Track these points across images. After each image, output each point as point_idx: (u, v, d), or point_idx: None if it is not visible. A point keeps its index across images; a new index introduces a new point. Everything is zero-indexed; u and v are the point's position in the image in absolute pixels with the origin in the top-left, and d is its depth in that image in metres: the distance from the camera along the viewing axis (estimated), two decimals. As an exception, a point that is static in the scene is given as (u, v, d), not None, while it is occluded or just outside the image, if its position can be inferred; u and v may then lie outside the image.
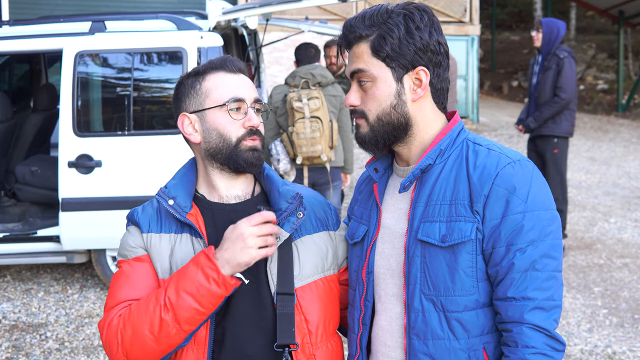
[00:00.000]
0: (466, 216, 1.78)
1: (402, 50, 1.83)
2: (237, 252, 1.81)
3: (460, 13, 16.01)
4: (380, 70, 1.85)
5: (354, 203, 2.10)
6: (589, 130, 15.89)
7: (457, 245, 1.77)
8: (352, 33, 1.87)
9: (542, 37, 6.92)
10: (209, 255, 1.83)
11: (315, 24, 7.86)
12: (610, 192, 9.99)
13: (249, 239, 1.81)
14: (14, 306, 5.92)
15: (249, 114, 1.96)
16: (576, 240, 7.67)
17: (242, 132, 1.96)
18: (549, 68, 6.89)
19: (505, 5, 28.64)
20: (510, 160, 1.80)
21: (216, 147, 1.97)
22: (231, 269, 1.82)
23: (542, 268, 1.74)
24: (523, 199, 1.76)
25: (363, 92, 1.87)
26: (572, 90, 6.87)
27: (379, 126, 1.86)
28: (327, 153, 6.02)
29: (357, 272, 1.97)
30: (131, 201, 5.54)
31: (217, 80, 1.98)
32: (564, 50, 6.91)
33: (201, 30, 5.77)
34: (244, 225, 1.82)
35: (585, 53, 23.41)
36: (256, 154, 1.97)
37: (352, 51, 1.89)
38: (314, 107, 5.90)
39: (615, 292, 6.16)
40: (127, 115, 5.71)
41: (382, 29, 1.84)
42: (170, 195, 1.96)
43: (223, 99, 1.96)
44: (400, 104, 1.86)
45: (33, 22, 6.31)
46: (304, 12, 13.72)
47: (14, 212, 6.46)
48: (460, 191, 1.80)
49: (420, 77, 1.86)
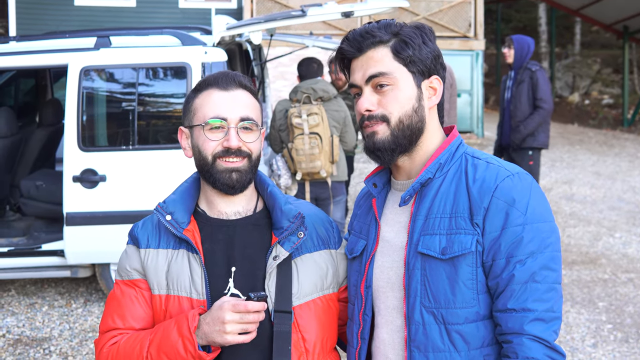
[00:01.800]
0: (466, 229, 1.78)
1: (422, 56, 1.86)
2: (214, 333, 1.81)
3: (465, 28, 16.05)
4: (403, 74, 1.86)
5: (354, 218, 2.11)
6: (594, 144, 15.87)
7: (457, 257, 1.78)
8: (368, 38, 1.87)
9: (514, 53, 7.09)
10: (191, 327, 1.83)
11: (319, 39, 7.87)
12: (616, 206, 9.97)
13: (228, 325, 1.79)
14: (18, 320, 5.92)
15: (228, 133, 1.95)
16: (581, 254, 7.65)
17: (218, 149, 1.95)
18: (522, 81, 7.03)
19: (509, 20, 28.69)
20: (509, 173, 1.81)
21: (199, 165, 2.00)
22: (206, 342, 1.84)
23: (542, 280, 1.75)
24: (522, 211, 1.76)
25: (380, 97, 1.86)
26: (551, 100, 7.02)
27: (400, 130, 1.85)
28: (328, 168, 6.04)
29: (356, 287, 1.98)
30: (135, 216, 5.55)
31: (206, 98, 1.99)
32: (534, 64, 7.13)
33: (205, 45, 5.80)
34: (227, 311, 1.80)
35: (590, 68, 23.42)
36: (235, 175, 1.95)
37: (365, 56, 1.88)
38: (313, 124, 5.93)
39: (620, 307, 6.14)
40: (131, 130, 5.73)
41: (401, 35, 1.87)
42: (168, 211, 1.97)
43: (205, 117, 1.96)
44: (420, 108, 1.87)
45: (39, 38, 6.35)
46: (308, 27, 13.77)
47: (19, 227, 6.48)
48: (460, 204, 1.81)
49: (434, 85, 1.90)
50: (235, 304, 1.80)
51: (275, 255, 1.95)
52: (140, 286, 2.00)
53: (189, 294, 1.94)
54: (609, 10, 17.79)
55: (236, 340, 1.81)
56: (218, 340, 1.81)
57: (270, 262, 1.95)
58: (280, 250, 1.95)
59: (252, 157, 1.99)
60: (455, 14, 16.10)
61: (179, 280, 1.95)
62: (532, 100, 7.00)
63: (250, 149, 1.98)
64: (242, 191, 1.99)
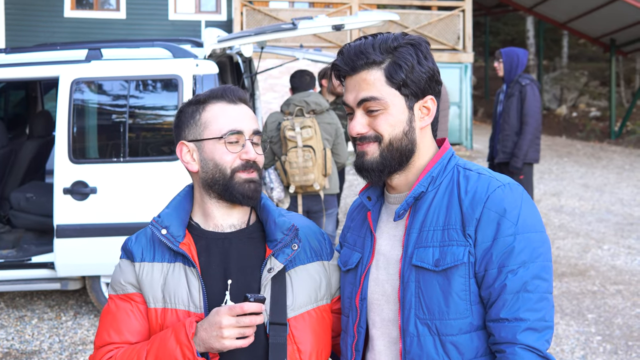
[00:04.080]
0: (458, 240, 1.80)
1: (415, 78, 1.85)
2: (212, 338, 1.81)
3: (454, 41, 16.15)
4: (394, 98, 1.85)
5: (347, 230, 2.12)
6: (582, 157, 15.97)
7: (450, 269, 1.79)
8: (361, 59, 1.85)
9: (504, 66, 7.10)
10: (189, 334, 1.83)
11: (309, 52, 7.90)
12: (604, 218, 10.03)
13: (226, 329, 1.79)
14: (7, 333, 5.89)
15: (246, 146, 1.97)
16: (570, 266, 7.69)
17: (237, 163, 1.96)
18: (512, 95, 7.07)
19: (498, 33, 28.87)
20: (500, 184, 1.82)
21: (212, 178, 1.98)
22: (204, 349, 1.84)
23: (534, 289, 1.76)
24: (513, 222, 1.78)
25: (371, 119, 1.87)
26: (537, 115, 7.03)
27: (389, 152, 1.86)
28: (320, 181, 6.05)
29: (351, 299, 1.99)
30: (126, 228, 5.55)
31: (217, 111, 1.99)
32: (526, 77, 7.12)
33: (197, 58, 5.81)
34: (223, 315, 1.80)
35: (577, 80, 23.59)
36: (252, 186, 1.97)
37: (358, 77, 1.86)
38: (306, 137, 5.94)
39: (609, 319, 6.17)
40: (122, 142, 5.73)
41: (395, 56, 1.85)
42: (164, 225, 1.97)
43: (221, 131, 1.96)
44: (410, 130, 1.88)
45: (30, 50, 6.35)
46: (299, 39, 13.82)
47: (9, 239, 6.46)
48: (453, 216, 1.82)
49: (428, 105, 1.90)
50: (232, 307, 1.80)
51: (269, 267, 1.96)
52: (135, 300, 2.00)
53: (186, 307, 1.94)
54: (596, 24, 17.94)
55: (234, 344, 1.81)
56: (216, 346, 1.81)
57: (265, 274, 1.96)
58: (274, 262, 1.96)
59: (260, 170, 2.03)
60: (444, 27, 16.20)
61: (176, 294, 1.95)
62: (521, 114, 7.04)
63: (259, 162, 2.02)
64: (255, 202, 2.01)
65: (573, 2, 17.38)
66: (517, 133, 7.07)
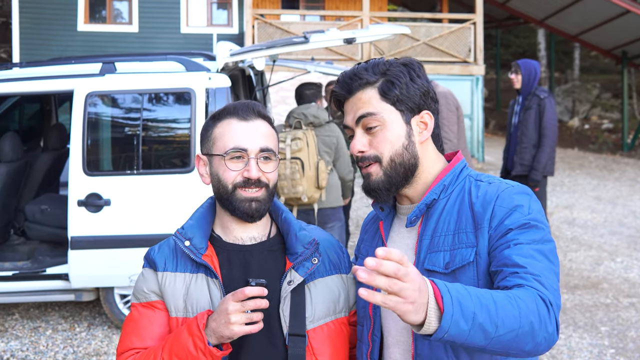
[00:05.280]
0: (467, 242, 1.82)
1: (409, 94, 1.90)
2: (221, 326, 1.84)
3: (465, 53, 16.18)
4: (390, 113, 1.90)
5: (361, 242, 2.16)
6: (594, 169, 15.93)
7: (458, 269, 1.81)
8: (356, 81, 1.92)
9: (522, 79, 7.12)
10: (200, 325, 1.86)
11: (321, 65, 7.95)
12: (616, 231, 10.00)
13: (232, 315, 1.82)
14: (22, 344, 5.93)
15: (249, 164, 1.98)
16: (582, 279, 7.67)
17: (239, 180, 1.99)
18: (529, 108, 7.06)
19: (509, 46, 28.89)
20: (509, 186, 1.87)
21: (218, 193, 2.03)
22: (216, 340, 1.86)
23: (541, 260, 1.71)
24: (525, 214, 1.79)
25: (371, 137, 1.91)
26: (555, 129, 7.05)
27: (392, 169, 1.90)
28: (312, 194, 6.03)
29: (365, 308, 2.02)
30: (140, 240, 5.59)
31: (226, 128, 2.02)
32: (543, 90, 7.13)
33: (209, 71, 5.86)
34: (228, 302, 1.83)
35: (589, 92, 23.55)
36: (254, 205, 1.99)
37: (355, 97, 1.93)
38: (295, 148, 5.96)
39: (622, 332, 6.15)
40: (136, 155, 5.78)
41: (387, 75, 1.91)
42: (187, 237, 2.01)
43: (225, 147, 2.00)
44: (411, 144, 1.92)
45: (44, 64, 6.42)
46: (310, 52, 13.89)
47: (23, 250, 6.51)
48: (463, 220, 1.85)
49: (425, 120, 1.94)
50: (234, 292, 1.83)
51: (289, 280, 1.99)
52: (158, 307, 2.03)
53: None
54: (607, 36, 17.94)
55: (243, 330, 1.83)
56: (226, 333, 1.83)
57: (285, 286, 1.98)
58: (294, 275, 1.99)
59: (269, 187, 2.02)
60: (455, 40, 16.24)
61: (198, 304, 1.98)
62: (539, 127, 7.04)
63: (268, 179, 2.01)
64: (260, 219, 2.03)
65: (584, 14, 17.39)
66: (534, 146, 7.06)
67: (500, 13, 22.07)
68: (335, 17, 17.65)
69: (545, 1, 18.07)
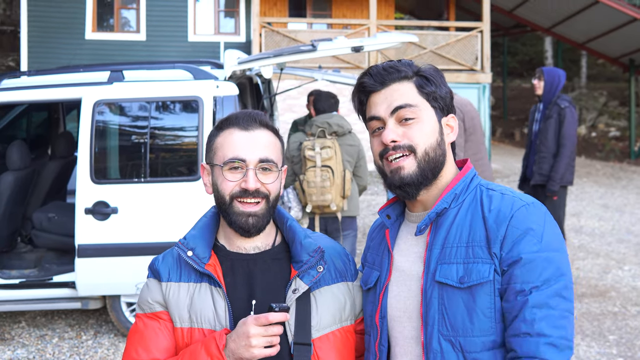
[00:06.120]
0: (483, 258, 1.81)
1: (442, 94, 1.94)
2: (241, 348, 1.84)
3: (472, 61, 16.18)
4: (426, 108, 1.92)
5: (367, 250, 2.15)
6: (601, 177, 15.89)
7: (475, 286, 1.80)
8: (392, 73, 1.93)
9: (544, 86, 7.07)
10: (220, 346, 1.86)
11: (328, 73, 7.96)
12: (624, 239, 9.96)
13: (253, 338, 1.82)
14: (29, 352, 5.94)
15: (247, 175, 1.97)
16: (590, 287, 7.64)
17: (236, 190, 1.97)
18: (550, 117, 7.02)
19: (516, 54, 28.89)
20: (524, 203, 1.85)
21: (217, 203, 2.03)
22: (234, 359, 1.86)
23: (556, 306, 1.76)
24: (538, 239, 1.79)
25: (405, 129, 1.90)
26: (574, 138, 7.01)
27: (426, 162, 1.90)
28: (338, 202, 6.08)
29: (371, 317, 2.01)
30: (147, 248, 5.59)
31: (226, 138, 2.01)
32: (564, 99, 7.06)
33: (217, 79, 5.87)
34: (250, 325, 1.83)
35: (596, 100, 23.52)
36: (252, 220, 1.98)
37: (389, 89, 1.93)
38: (325, 157, 5.99)
39: (630, 341, 6.12)
40: (143, 163, 5.79)
41: (422, 72, 1.95)
42: (189, 247, 2.00)
43: (224, 158, 1.99)
44: (442, 142, 1.93)
45: (52, 72, 6.44)
46: (317, 60, 13.91)
47: (30, 258, 6.52)
48: (477, 233, 1.84)
49: (451, 124, 1.97)
50: (257, 317, 1.83)
51: (294, 288, 1.97)
52: (162, 318, 2.02)
53: (212, 326, 1.96)
54: (614, 44, 17.92)
55: (262, 353, 1.83)
56: (245, 355, 1.83)
57: (290, 295, 1.97)
58: (299, 283, 1.98)
59: (269, 198, 2.00)
60: (462, 48, 16.25)
61: (202, 313, 1.97)
62: (558, 137, 7.01)
63: (268, 190, 1.99)
64: (258, 234, 2.02)
65: (591, 22, 17.38)
66: (554, 155, 7.02)
67: (507, 21, 22.08)
68: (343, 26, 17.68)
69: (552, 9, 18.07)
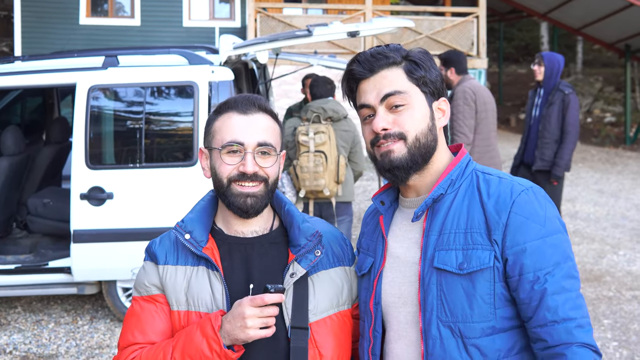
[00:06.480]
0: (483, 244, 1.81)
1: (432, 78, 1.92)
2: (236, 329, 1.84)
3: (468, 47, 16.14)
4: (416, 93, 1.91)
5: (361, 236, 2.15)
6: (596, 162, 15.91)
7: (475, 272, 1.80)
8: (380, 59, 1.90)
9: (545, 71, 7.04)
10: (215, 327, 1.86)
11: (324, 58, 7.93)
12: (619, 224, 9.99)
13: (249, 319, 1.82)
14: (25, 337, 5.94)
15: (245, 158, 1.97)
16: (585, 272, 7.66)
17: (234, 173, 1.97)
18: (552, 103, 6.98)
19: (512, 39, 28.84)
20: (523, 188, 1.85)
21: (216, 186, 2.03)
22: (230, 342, 1.86)
23: (571, 287, 1.78)
24: (541, 225, 1.80)
25: (395, 116, 1.89)
26: (577, 125, 7.00)
27: (416, 148, 1.89)
28: (332, 188, 6.07)
29: (365, 303, 2.01)
30: (142, 233, 5.59)
31: (225, 122, 2.01)
32: (566, 86, 7.04)
33: (212, 64, 5.85)
34: (246, 306, 1.83)
35: (592, 86, 23.52)
36: (250, 200, 1.97)
37: (378, 76, 1.91)
38: (319, 142, 5.97)
39: (625, 325, 6.15)
40: (138, 148, 5.78)
41: (410, 57, 1.93)
42: (187, 230, 2.00)
43: (222, 141, 1.99)
44: (433, 127, 1.92)
45: (47, 57, 6.41)
46: (313, 46, 13.86)
47: (26, 244, 6.52)
48: (475, 219, 1.84)
49: (442, 107, 1.96)
50: (253, 298, 1.83)
51: (292, 272, 1.97)
52: (159, 301, 2.02)
53: (209, 309, 1.96)
54: (610, 30, 17.89)
55: (258, 334, 1.84)
56: (241, 336, 1.83)
57: (287, 279, 1.97)
58: (297, 267, 1.98)
59: (268, 182, 2.00)
60: (458, 33, 16.20)
61: (199, 297, 1.97)
62: (561, 123, 6.99)
63: (267, 174, 1.99)
64: (256, 215, 2.02)
65: (587, 8, 17.33)
66: (556, 141, 7.00)
67: (503, 6, 22.01)
68: (338, 11, 17.61)
69: (548, -6, 18.02)
